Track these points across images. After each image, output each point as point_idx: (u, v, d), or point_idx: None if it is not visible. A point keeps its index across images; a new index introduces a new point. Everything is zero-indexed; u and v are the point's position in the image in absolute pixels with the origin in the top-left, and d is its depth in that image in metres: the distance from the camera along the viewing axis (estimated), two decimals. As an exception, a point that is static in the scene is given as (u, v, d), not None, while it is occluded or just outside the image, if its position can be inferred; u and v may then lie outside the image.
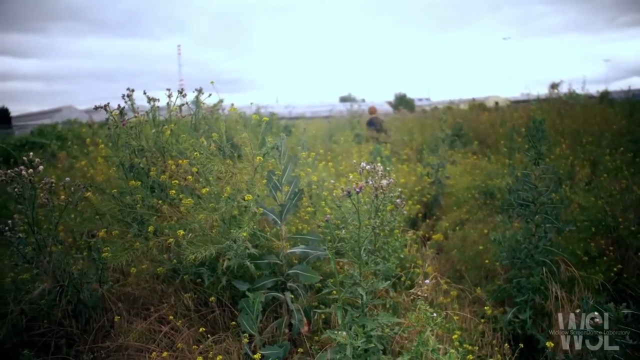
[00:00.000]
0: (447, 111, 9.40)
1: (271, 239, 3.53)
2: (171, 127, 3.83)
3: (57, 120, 20.30)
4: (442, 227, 6.03)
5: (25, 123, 34.63)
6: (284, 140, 3.40)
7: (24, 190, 3.44)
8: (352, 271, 3.07)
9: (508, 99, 38.41)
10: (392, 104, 51.15)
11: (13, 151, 9.57)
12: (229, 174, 3.24)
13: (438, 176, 7.16)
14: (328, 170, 5.08)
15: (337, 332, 2.79)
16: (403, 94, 59.22)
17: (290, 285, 3.62)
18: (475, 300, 4.37)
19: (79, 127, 12.07)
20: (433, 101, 54.99)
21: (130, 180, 3.76)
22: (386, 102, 52.32)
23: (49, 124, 12.60)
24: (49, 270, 3.48)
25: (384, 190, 3.13)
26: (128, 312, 3.62)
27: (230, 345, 3.29)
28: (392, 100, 55.80)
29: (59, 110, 41.55)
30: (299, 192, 3.50)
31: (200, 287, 3.75)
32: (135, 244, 3.37)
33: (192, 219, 3.24)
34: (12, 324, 3.33)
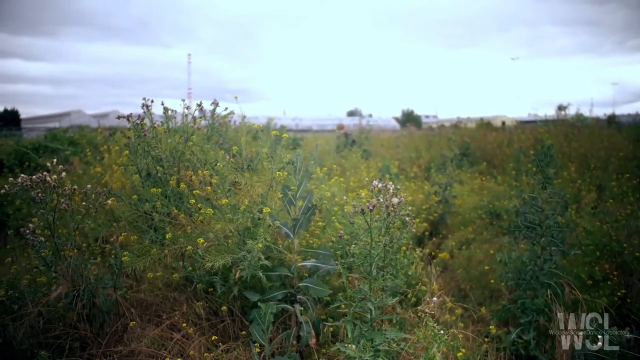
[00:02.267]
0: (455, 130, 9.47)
1: (283, 252, 3.62)
2: (193, 138, 3.95)
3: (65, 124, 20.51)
4: (448, 245, 6.11)
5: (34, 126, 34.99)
6: (299, 155, 3.51)
7: (46, 196, 3.54)
8: (362, 286, 3.16)
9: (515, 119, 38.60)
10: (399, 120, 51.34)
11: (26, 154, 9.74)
12: (248, 186, 3.35)
13: (445, 195, 7.25)
14: (339, 185, 5.19)
15: (346, 345, 2.86)
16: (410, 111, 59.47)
17: (300, 297, 3.70)
18: (479, 319, 4.44)
19: (91, 132, 12.25)
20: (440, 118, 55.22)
21: (147, 188, 3.87)
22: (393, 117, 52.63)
23: (61, 129, 12.77)
24: (67, 274, 3.58)
25: (394, 208, 3.22)
26: (141, 318, 3.71)
27: (240, 355, 3.37)
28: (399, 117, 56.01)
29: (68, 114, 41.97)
30: (312, 207, 3.60)
31: (212, 296, 3.84)
32: (152, 250, 3.48)
33: (209, 228, 3.34)
34: (29, 325, 3.42)
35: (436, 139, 14.68)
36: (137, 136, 4.13)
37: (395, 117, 54.79)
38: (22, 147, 9.46)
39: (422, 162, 10.95)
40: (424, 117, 60.46)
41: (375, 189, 3.26)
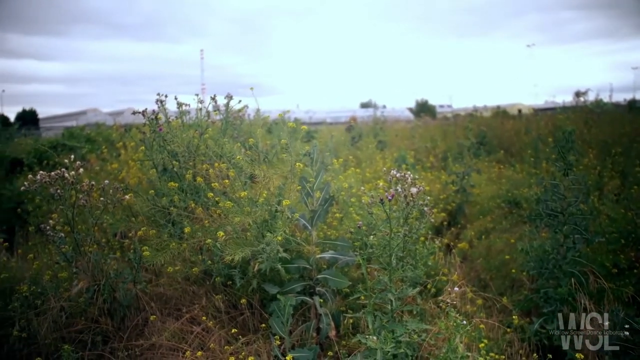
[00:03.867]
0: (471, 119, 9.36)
1: (302, 244, 3.60)
2: (209, 131, 3.94)
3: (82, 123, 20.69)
4: (467, 235, 6.04)
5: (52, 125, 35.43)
6: (316, 147, 3.48)
7: (64, 192, 3.56)
8: (382, 277, 3.12)
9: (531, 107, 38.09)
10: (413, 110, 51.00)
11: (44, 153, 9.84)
12: (267, 178, 3.33)
13: (463, 184, 7.17)
14: (355, 176, 5.15)
15: (367, 337, 2.84)
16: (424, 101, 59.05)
17: (319, 289, 3.68)
18: (501, 309, 4.37)
19: (107, 130, 12.33)
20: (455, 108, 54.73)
21: (164, 183, 3.87)
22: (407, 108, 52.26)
23: (77, 127, 12.88)
24: (87, 269, 3.60)
25: (413, 198, 3.18)
26: (160, 311, 3.72)
27: (260, 347, 3.36)
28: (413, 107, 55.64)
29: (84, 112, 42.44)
30: (330, 199, 3.57)
31: (231, 289, 3.84)
32: (171, 245, 3.48)
33: (227, 221, 3.33)
34: (52, 320, 3.45)
35: (451, 129, 14.53)
36: (153, 131, 4.13)
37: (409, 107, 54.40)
38: (41, 146, 9.56)
39: (438, 152, 10.84)
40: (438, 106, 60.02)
41: (393, 178, 3.22)
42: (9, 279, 4.13)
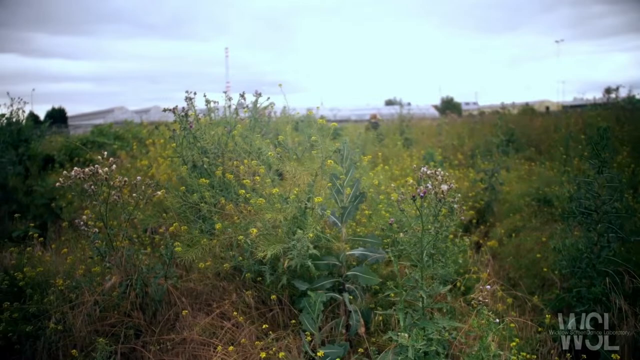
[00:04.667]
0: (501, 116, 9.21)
1: (332, 241, 3.60)
2: (239, 127, 3.97)
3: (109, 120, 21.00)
4: (497, 233, 5.96)
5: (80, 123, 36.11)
6: (346, 144, 3.47)
7: (97, 188, 3.62)
8: (414, 274, 3.11)
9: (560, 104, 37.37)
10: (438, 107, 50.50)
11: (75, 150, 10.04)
12: (296, 175, 3.34)
13: (492, 182, 7.08)
14: (384, 173, 5.13)
15: (399, 334, 2.83)
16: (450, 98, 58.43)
17: (349, 286, 3.68)
18: (531, 308, 4.31)
19: (135, 127, 12.52)
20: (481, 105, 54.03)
21: (194, 179, 3.91)
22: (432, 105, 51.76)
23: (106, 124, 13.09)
24: (120, 264, 3.67)
25: (444, 195, 3.15)
26: (191, 306, 3.76)
27: (290, 343, 3.38)
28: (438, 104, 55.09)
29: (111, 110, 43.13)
30: (360, 195, 3.57)
31: (260, 285, 3.86)
32: (202, 241, 3.52)
33: (257, 218, 3.35)
34: (87, 314, 3.53)
35: (478, 126, 14.36)
36: (183, 128, 4.18)
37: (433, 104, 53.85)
38: (74, 143, 9.76)
39: (466, 149, 10.73)
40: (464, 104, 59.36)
41: (424, 175, 3.20)
42: (44, 273, 4.24)
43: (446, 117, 20.95)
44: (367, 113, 38.99)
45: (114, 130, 11.71)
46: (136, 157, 7.67)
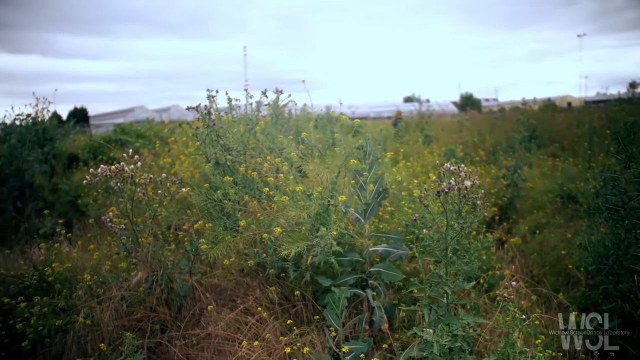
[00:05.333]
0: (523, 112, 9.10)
1: (355, 237, 3.61)
2: (262, 124, 4.00)
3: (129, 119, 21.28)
4: (520, 230, 5.91)
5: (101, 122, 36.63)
6: (369, 140, 3.48)
7: (124, 185, 3.69)
8: (438, 270, 3.10)
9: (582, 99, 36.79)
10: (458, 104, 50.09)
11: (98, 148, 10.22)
12: (321, 172, 3.35)
13: (514, 178, 7.01)
14: (406, 170, 5.12)
15: (424, 330, 2.83)
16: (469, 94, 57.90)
17: (372, 282, 3.68)
18: (555, 306, 4.26)
19: (157, 125, 12.68)
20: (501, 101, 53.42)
21: (217, 176, 3.95)
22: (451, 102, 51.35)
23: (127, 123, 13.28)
24: (146, 260, 3.73)
25: (467, 191, 3.13)
26: (216, 302, 3.80)
27: (314, 339, 3.40)
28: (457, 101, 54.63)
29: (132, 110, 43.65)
30: (383, 191, 3.57)
31: (284, 282, 3.89)
32: (226, 238, 3.55)
33: (280, 215, 3.37)
34: (114, 308, 3.59)
35: (499, 122, 14.22)
36: (207, 126, 4.22)
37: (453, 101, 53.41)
38: (98, 141, 9.92)
39: (487, 146, 10.64)
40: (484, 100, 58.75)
41: (447, 171, 3.18)
42: (71, 269, 4.33)
43: (466, 113, 20.78)
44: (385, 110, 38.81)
45: (136, 129, 11.89)
46: (158, 155, 7.76)
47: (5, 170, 7.79)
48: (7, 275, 4.32)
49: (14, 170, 7.70)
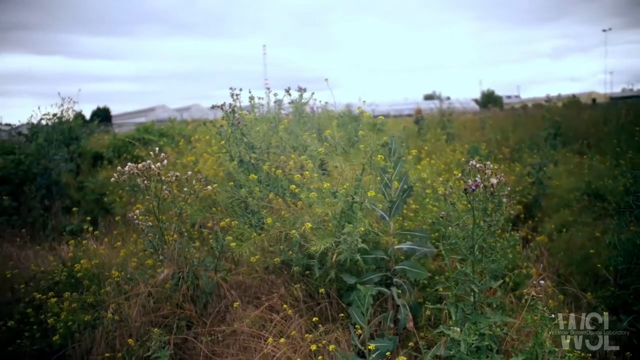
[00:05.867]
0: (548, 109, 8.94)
1: (380, 235, 3.60)
2: (285, 122, 4.01)
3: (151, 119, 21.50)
4: (546, 228, 5.82)
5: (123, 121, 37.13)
6: (394, 138, 3.46)
7: (150, 183, 3.73)
8: (464, 268, 3.07)
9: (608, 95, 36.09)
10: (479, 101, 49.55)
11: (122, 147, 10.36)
12: (347, 169, 3.35)
13: (539, 176, 6.90)
14: (430, 168, 5.09)
15: (451, 328, 2.81)
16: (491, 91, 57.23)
17: (397, 280, 3.67)
18: (582, 305, 4.19)
19: (179, 124, 12.80)
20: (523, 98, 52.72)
21: (241, 174, 3.97)
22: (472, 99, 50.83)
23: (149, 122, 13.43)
24: (172, 257, 3.77)
25: (494, 188, 3.10)
26: (241, 299, 3.82)
27: (339, 336, 3.40)
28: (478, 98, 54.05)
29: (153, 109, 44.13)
30: (408, 189, 3.55)
31: (308, 279, 3.90)
32: (252, 235, 3.57)
33: (306, 212, 3.38)
34: (141, 305, 3.64)
35: (522, 120, 14.03)
36: (231, 124, 4.25)
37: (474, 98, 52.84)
38: (123, 140, 10.06)
39: (510, 143, 10.51)
40: (505, 97, 58.08)
41: (473, 169, 3.15)
42: (98, 265, 4.41)
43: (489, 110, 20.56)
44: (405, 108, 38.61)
45: (158, 128, 12.03)
46: (182, 153, 7.83)
47: (33, 169, 7.96)
48: (37, 271, 4.42)
49: (42, 169, 7.86)
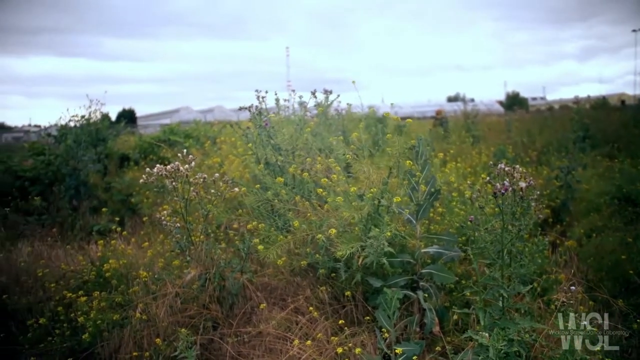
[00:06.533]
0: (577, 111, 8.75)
1: (407, 238, 3.58)
2: (311, 124, 4.02)
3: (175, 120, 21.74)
4: (575, 233, 5.71)
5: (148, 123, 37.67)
6: (422, 141, 3.44)
7: (178, 184, 3.77)
8: (493, 273, 3.03)
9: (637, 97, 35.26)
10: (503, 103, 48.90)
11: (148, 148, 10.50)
12: (374, 172, 3.34)
13: (568, 180, 6.78)
14: (456, 171, 5.04)
15: (479, 333, 2.77)
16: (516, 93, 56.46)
17: (423, 284, 3.64)
18: (615, 312, 4.10)
19: (203, 126, 12.93)
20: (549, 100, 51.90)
21: (268, 177, 3.99)
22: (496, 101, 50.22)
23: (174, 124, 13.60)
24: (200, 258, 3.80)
25: (522, 192, 3.06)
26: (266, 301, 3.84)
27: (365, 339, 3.38)
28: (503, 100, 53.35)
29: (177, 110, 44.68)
30: (435, 192, 3.52)
31: (334, 282, 3.89)
32: (279, 238, 3.58)
33: (332, 215, 3.38)
34: (169, 305, 3.68)
35: (549, 122, 13.80)
36: (258, 126, 4.27)
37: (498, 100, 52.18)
38: (149, 141, 10.20)
39: (537, 146, 10.34)
40: (530, 99, 57.26)
41: (501, 172, 3.11)
42: (126, 265, 4.47)
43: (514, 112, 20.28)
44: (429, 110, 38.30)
45: (184, 129, 12.17)
46: (207, 155, 7.90)
47: (62, 170, 8.13)
48: (67, 270, 4.50)
49: (70, 170, 8.02)
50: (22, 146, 10.74)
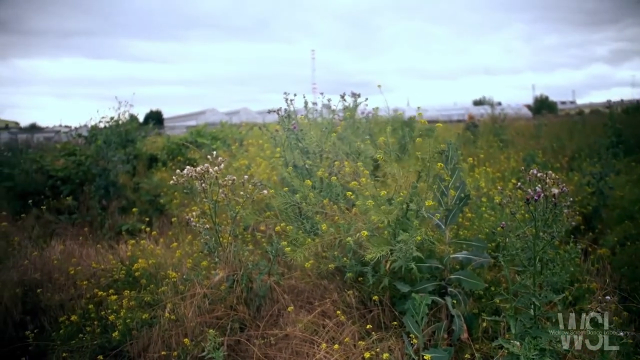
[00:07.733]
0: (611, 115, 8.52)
1: (435, 243, 3.55)
2: (339, 128, 4.01)
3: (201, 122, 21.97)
4: (609, 241, 5.57)
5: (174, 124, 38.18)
6: (451, 145, 3.41)
7: (208, 186, 3.80)
8: (524, 280, 2.98)
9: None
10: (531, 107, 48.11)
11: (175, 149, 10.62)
12: (403, 176, 3.32)
13: (600, 186, 6.61)
14: (486, 176, 4.98)
15: (510, 342, 2.72)
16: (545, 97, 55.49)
17: (451, 290, 3.60)
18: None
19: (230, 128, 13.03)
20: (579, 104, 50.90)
21: (296, 180, 4.00)
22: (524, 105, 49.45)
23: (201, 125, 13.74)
24: (228, 259, 3.83)
25: (555, 198, 3.00)
26: (293, 304, 3.85)
27: (392, 345, 3.36)
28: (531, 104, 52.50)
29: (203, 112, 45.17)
30: (465, 197, 3.48)
31: (361, 286, 3.88)
32: (307, 241, 3.59)
33: (360, 219, 3.37)
34: (197, 305, 3.72)
35: (579, 126, 13.51)
36: (286, 129, 4.29)
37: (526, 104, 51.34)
38: (178, 143, 10.33)
39: (568, 151, 10.12)
40: (560, 103, 56.24)
41: (533, 178, 3.06)
42: (155, 265, 4.53)
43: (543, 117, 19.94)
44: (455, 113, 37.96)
45: (210, 131, 12.29)
46: (234, 157, 7.96)
47: (92, 170, 8.29)
48: (98, 269, 4.59)
49: (100, 170, 8.16)
50: (53, 146, 10.97)
